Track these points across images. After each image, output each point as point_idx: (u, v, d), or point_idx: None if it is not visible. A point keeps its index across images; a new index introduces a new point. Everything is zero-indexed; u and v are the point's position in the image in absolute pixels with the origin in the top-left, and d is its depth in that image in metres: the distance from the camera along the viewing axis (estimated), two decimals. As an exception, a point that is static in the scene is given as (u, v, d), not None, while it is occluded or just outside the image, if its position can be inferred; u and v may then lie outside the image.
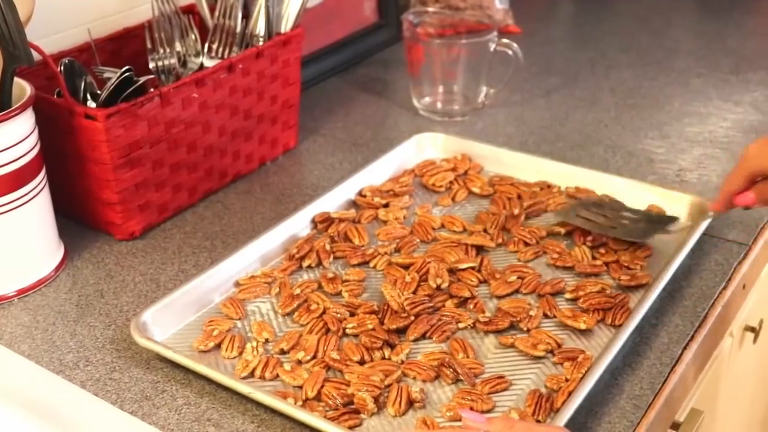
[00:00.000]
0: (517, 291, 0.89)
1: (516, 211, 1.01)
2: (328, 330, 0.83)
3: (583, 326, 0.83)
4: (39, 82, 0.94)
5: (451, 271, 0.91)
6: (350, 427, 0.73)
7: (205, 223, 1.03)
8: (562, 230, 0.98)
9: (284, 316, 0.86)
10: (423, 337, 0.83)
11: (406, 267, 0.92)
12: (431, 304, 0.86)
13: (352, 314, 0.85)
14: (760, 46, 1.52)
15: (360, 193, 1.06)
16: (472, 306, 0.87)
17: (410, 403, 0.75)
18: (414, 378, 0.78)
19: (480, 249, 0.95)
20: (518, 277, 0.90)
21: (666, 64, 1.44)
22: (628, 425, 0.74)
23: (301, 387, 0.77)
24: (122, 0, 1.13)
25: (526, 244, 0.96)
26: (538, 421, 0.73)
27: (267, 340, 0.83)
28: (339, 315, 0.85)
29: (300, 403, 0.75)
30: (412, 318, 0.84)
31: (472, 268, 0.91)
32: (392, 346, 0.81)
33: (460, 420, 0.72)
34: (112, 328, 0.86)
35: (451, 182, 1.08)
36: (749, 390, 1.32)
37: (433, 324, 0.83)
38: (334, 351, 0.80)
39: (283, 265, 0.93)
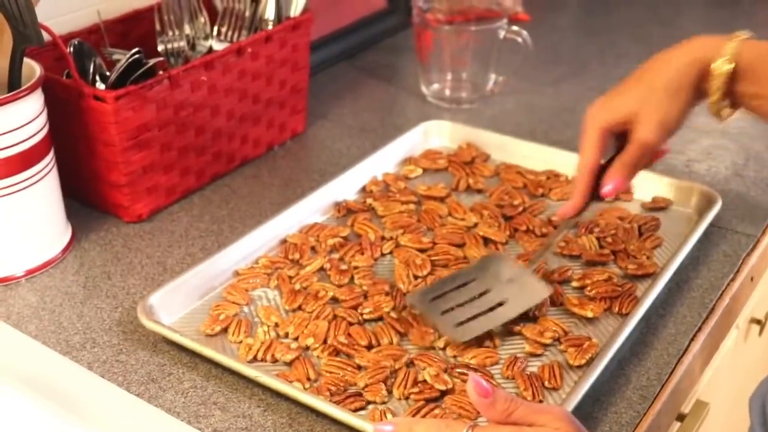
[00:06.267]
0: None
1: (516, 202, 1.01)
2: (335, 315, 0.83)
3: (590, 314, 0.83)
4: (48, 63, 0.94)
5: (468, 261, 0.91)
6: (355, 410, 0.73)
7: (212, 207, 1.03)
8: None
9: (291, 311, 0.85)
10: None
11: (417, 250, 0.93)
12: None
13: (366, 297, 0.86)
14: (771, 37, 1.52)
15: (373, 182, 1.05)
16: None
17: (416, 386, 0.75)
18: (424, 369, 0.78)
19: (488, 240, 0.95)
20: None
21: (676, 55, 1.44)
22: (635, 416, 0.74)
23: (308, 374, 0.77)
24: (132, -18, 1.13)
25: (534, 235, 0.96)
26: (540, 401, 0.74)
27: (277, 324, 0.83)
28: (351, 300, 0.85)
29: (308, 386, 0.75)
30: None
31: None
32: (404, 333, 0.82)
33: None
34: (119, 310, 0.86)
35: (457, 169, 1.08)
36: (754, 382, 1.32)
37: None
38: (343, 336, 0.80)
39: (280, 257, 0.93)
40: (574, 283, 0.88)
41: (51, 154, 0.91)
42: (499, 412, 0.58)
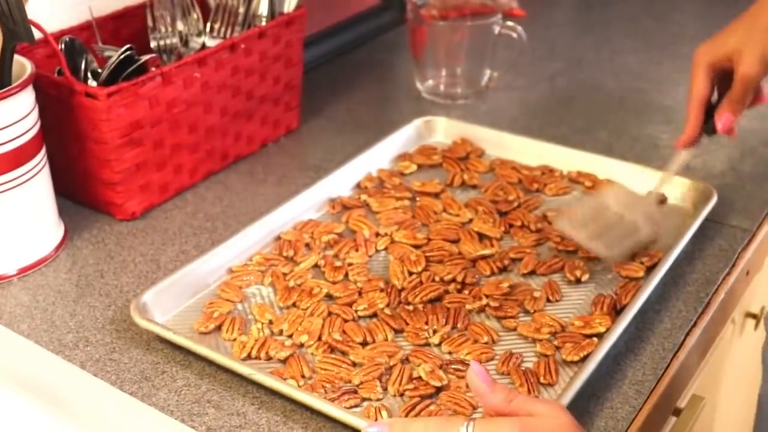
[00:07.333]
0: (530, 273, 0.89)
1: (511, 198, 1.01)
2: (330, 312, 0.83)
3: (602, 329, 0.81)
4: (39, 61, 0.94)
5: (463, 256, 0.91)
6: (349, 407, 0.73)
7: (206, 204, 1.02)
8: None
9: (286, 308, 0.85)
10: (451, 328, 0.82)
11: (412, 246, 0.93)
12: (436, 291, 0.85)
13: (360, 294, 0.85)
14: (766, 31, 1.51)
15: (367, 178, 1.05)
16: (467, 292, 0.86)
17: (411, 383, 0.75)
18: (419, 365, 0.77)
19: (483, 236, 0.95)
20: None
21: (671, 50, 1.44)
22: (630, 411, 0.73)
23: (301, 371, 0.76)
24: (124, -22, 1.12)
25: (529, 230, 0.96)
26: (535, 396, 0.73)
27: (271, 321, 0.82)
28: (346, 297, 0.84)
29: (302, 383, 0.75)
30: (420, 307, 0.84)
31: (489, 256, 0.91)
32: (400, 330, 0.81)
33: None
34: (112, 308, 0.86)
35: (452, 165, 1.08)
36: (749, 377, 1.32)
37: (448, 315, 0.83)
38: (337, 332, 0.80)
39: (274, 254, 0.92)
40: (568, 275, 0.88)
41: (42, 152, 0.90)
42: (500, 399, 0.58)
